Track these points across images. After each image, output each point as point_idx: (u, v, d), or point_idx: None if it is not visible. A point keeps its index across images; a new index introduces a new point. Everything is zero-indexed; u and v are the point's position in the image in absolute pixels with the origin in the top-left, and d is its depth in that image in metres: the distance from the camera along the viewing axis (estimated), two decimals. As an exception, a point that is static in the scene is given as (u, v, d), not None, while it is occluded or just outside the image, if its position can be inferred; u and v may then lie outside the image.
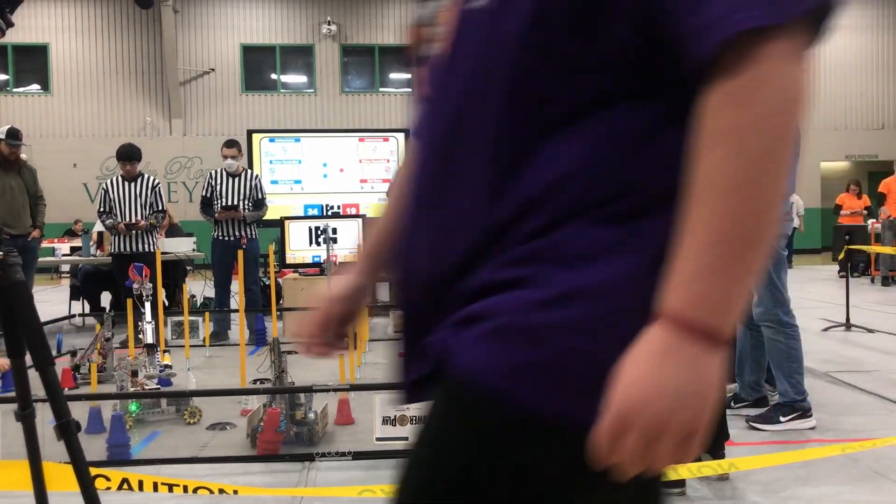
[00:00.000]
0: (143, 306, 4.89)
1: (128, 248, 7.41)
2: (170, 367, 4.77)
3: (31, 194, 7.46)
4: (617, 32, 0.85)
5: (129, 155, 7.46)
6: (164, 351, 5.10)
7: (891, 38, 22.37)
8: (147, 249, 7.31)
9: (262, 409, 4.02)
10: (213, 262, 7.67)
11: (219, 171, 7.70)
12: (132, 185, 7.48)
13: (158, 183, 7.71)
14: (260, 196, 7.72)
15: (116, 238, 7.45)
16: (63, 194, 17.33)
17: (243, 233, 7.58)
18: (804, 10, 0.81)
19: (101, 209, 7.49)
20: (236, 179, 7.63)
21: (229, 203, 7.52)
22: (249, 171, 7.90)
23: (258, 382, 5.42)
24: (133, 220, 7.35)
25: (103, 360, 5.59)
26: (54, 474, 1.91)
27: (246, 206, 7.57)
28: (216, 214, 7.53)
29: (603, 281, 0.83)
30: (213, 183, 7.65)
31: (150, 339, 4.73)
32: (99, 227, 9.16)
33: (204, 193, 7.72)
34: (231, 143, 7.77)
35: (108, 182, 7.56)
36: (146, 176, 7.62)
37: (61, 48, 20.16)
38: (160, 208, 7.62)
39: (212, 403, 4.68)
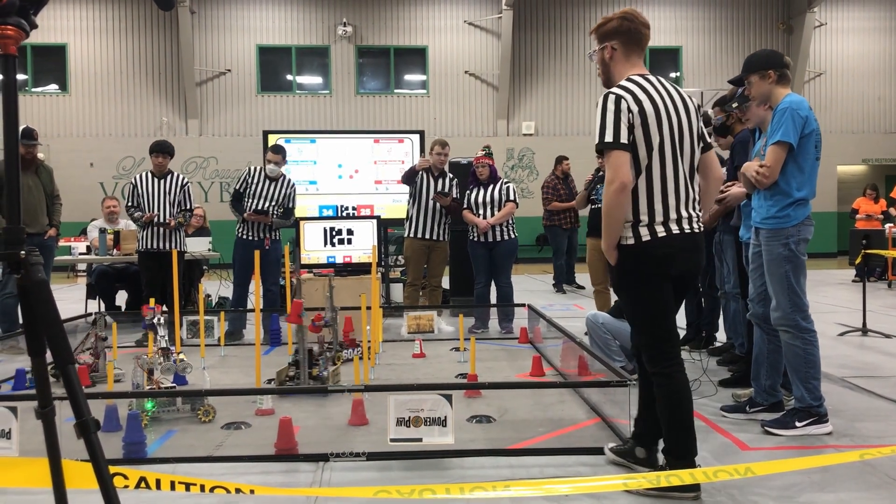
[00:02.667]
0: (157, 332, 4.92)
1: (155, 246, 7.43)
2: (184, 360, 4.80)
3: (47, 193, 7.51)
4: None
5: (161, 147, 7.50)
6: (179, 352, 5.13)
7: (909, 41, 22.19)
8: (174, 248, 7.32)
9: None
10: (235, 260, 7.69)
11: (258, 169, 7.73)
12: (162, 181, 7.51)
13: (188, 182, 7.72)
14: (291, 205, 7.75)
15: (144, 235, 7.47)
16: (80, 194, 17.46)
17: (268, 234, 7.62)
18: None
19: (130, 203, 7.52)
20: (273, 184, 7.67)
21: (261, 207, 7.55)
22: (287, 177, 7.91)
23: (272, 382, 5.44)
24: (165, 220, 7.38)
25: (95, 360, 5.61)
26: (73, 472, 1.93)
27: (275, 213, 7.60)
28: (245, 214, 7.55)
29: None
30: (250, 180, 7.67)
31: (164, 345, 4.76)
32: (93, 231, 9.18)
33: (238, 187, 7.72)
34: (277, 150, 7.79)
35: (138, 177, 7.58)
36: (176, 174, 7.64)
37: (79, 48, 20.30)
38: (188, 207, 7.64)
39: (226, 403, 4.71)
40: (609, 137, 3.08)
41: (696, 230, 3.26)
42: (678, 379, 3.22)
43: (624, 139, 3.07)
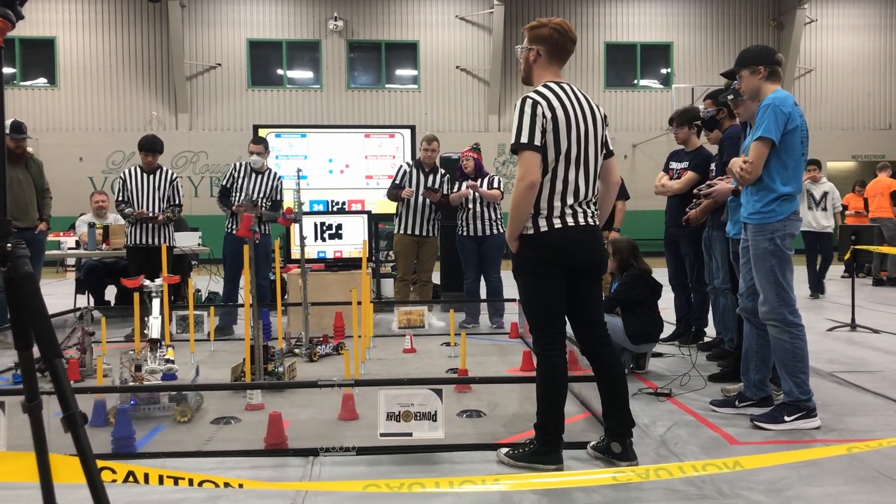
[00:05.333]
0: (151, 302, 4.90)
1: (144, 242, 7.40)
2: (172, 361, 4.77)
3: (37, 187, 7.45)
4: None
5: (151, 146, 7.44)
6: (169, 346, 5.11)
7: (899, 38, 22.28)
8: (162, 244, 7.29)
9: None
10: (225, 255, 7.66)
11: (244, 164, 7.70)
12: (151, 177, 7.46)
13: (177, 177, 7.68)
14: (279, 197, 7.72)
15: (133, 230, 7.43)
16: (69, 188, 17.36)
17: (257, 228, 7.58)
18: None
19: (119, 199, 7.48)
20: (260, 177, 7.64)
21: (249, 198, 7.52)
22: (273, 170, 7.88)
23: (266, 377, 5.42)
24: (154, 214, 7.34)
25: (82, 355, 5.58)
26: (60, 466, 1.91)
27: (263, 205, 7.57)
28: (233, 207, 7.53)
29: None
30: (236, 175, 7.64)
31: (155, 334, 4.73)
32: (81, 226, 9.15)
33: (224, 184, 7.71)
34: (258, 140, 7.77)
35: (127, 172, 7.52)
36: (165, 169, 7.59)
37: (68, 42, 20.19)
38: (177, 202, 7.60)
39: (216, 398, 4.69)
40: (524, 139, 3.35)
41: (592, 223, 3.52)
42: (556, 363, 3.49)
43: (537, 142, 3.35)
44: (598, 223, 3.56)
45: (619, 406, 3.55)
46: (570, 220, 3.43)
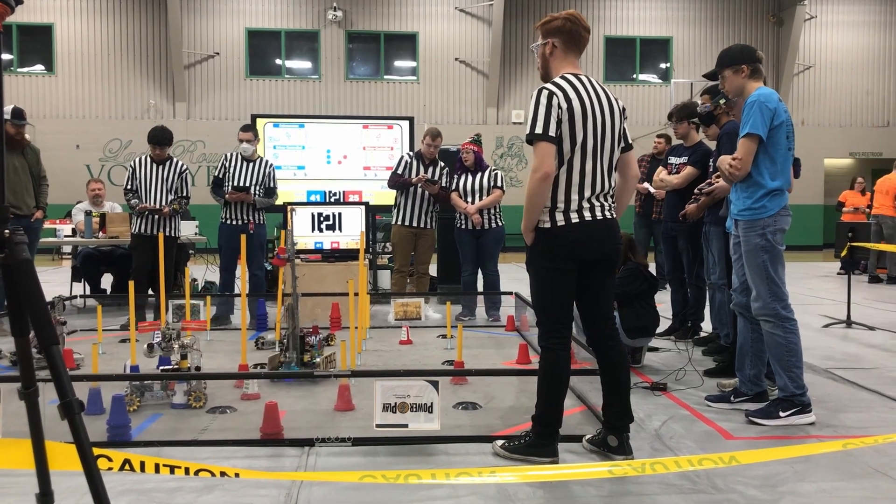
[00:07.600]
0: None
1: (148, 231, 7.37)
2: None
3: (34, 175, 7.43)
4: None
5: (157, 139, 7.38)
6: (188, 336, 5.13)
7: (898, 36, 22.26)
8: (168, 234, 7.28)
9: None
10: (221, 245, 7.66)
11: (235, 154, 7.69)
12: (160, 167, 7.43)
13: (186, 169, 7.65)
14: (272, 184, 7.71)
15: (140, 219, 7.41)
16: (66, 176, 17.29)
17: (251, 218, 7.58)
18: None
19: (127, 187, 7.46)
20: (251, 165, 7.63)
21: (241, 185, 7.52)
22: (265, 158, 7.88)
23: (258, 367, 5.43)
24: (159, 207, 7.31)
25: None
26: (57, 453, 1.91)
27: (257, 192, 7.57)
28: (226, 195, 7.53)
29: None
30: (228, 165, 7.64)
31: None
32: (78, 214, 9.12)
33: (217, 174, 7.70)
34: (247, 128, 7.77)
35: (137, 161, 7.49)
36: (175, 160, 7.56)
37: (66, 29, 20.08)
38: (185, 194, 7.57)
39: (212, 387, 4.69)
40: (539, 129, 3.33)
41: (609, 216, 3.50)
42: (561, 356, 3.50)
43: (552, 132, 3.33)
44: (614, 216, 3.55)
45: (620, 400, 3.55)
46: (587, 215, 3.41)
